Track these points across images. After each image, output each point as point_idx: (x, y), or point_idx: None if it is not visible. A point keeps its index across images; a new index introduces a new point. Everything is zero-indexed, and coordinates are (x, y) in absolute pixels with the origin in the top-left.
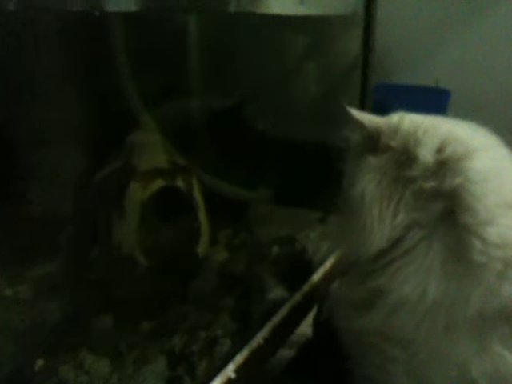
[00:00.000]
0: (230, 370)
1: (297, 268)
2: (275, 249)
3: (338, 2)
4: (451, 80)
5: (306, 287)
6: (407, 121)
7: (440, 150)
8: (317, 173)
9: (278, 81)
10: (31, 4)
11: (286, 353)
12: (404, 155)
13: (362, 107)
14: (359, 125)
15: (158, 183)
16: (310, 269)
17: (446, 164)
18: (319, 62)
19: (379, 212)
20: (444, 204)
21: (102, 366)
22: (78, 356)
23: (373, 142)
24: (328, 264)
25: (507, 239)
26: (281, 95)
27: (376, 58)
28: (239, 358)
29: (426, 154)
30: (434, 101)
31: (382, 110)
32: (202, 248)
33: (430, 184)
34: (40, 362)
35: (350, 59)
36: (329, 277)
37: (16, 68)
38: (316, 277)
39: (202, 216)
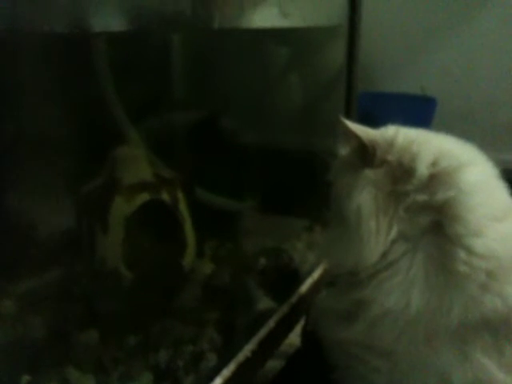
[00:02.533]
0: None
1: (284, 279)
2: (262, 260)
3: (321, 14)
4: (437, 88)
5: (293, 298)
6: (401, 135)
7: (434, 163)
8: (302, 182)
9: (263, 93)
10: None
11: (274, 364)
12: (399, 169)
13: (348, 116)
14: (354, 137)
15: (143, 197)
16: (297, 280)
17: (438, 177)
18: (304, 73)
19: (376, 226)
20: (431, 217)
21: (88, 382)
22: (63, 372)
23: (368, 155)
24: (315, 275)
25: (492, 251)
26: (266, 106)
27: (361, 66)
28: (226, 372)
29: (422, 168)
30: (419, 108)
31: (368, 118)
32: (187, 260)
33: (422, 197)
34: (25, 379)
35: (335, 69)
36: (316, 287)
37: None
38: (303, 288)
39: (188, 228)
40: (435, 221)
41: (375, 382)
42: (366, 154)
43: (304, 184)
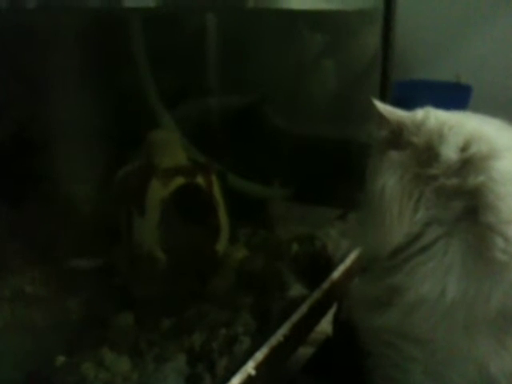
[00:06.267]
0: (249, 367)
1: (316, 265)
2: (295, 246)
3: None
4: (473, 76)
5: (325, 285)
6: (433, 117)
7: (464, 148)
8: (336, 170)
9: (297, 78)
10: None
11: (305, 351)
12: (426, 152)
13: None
14: (383, 118)
15: (179, 181)
16: (329, 266)
17: (469, 162)
18: (338, 58)
19: (399, 209)
20: (466, 202)
21: (123, 364)
22: (99, 353)
23: (395, 136)
24: (348, 261)
25: None
26: (300, 92)
27: (396, 53)
28: (259, 355)
29: (449, 152)
30: (454, 97)
31: (402, 106)
32: (221, 246)
33: (453, 181)
34: (61, 359)
35: (370, 55)
36: (349, 274)
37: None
38: (336, 274)
39: (222, 214)
40: (470, 206)
41: (410, 371)
42: (393, 136)
43: (338, 172)
